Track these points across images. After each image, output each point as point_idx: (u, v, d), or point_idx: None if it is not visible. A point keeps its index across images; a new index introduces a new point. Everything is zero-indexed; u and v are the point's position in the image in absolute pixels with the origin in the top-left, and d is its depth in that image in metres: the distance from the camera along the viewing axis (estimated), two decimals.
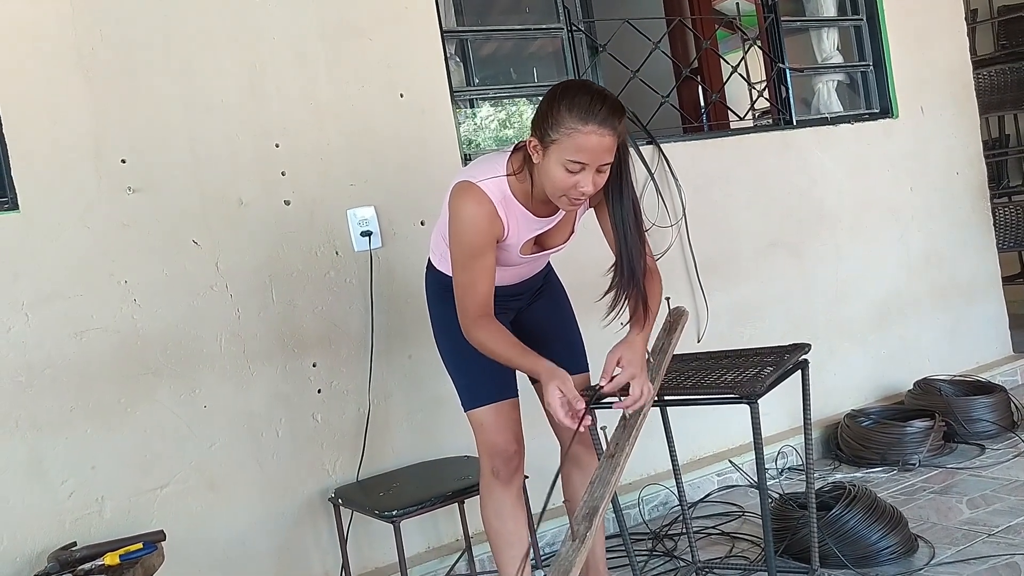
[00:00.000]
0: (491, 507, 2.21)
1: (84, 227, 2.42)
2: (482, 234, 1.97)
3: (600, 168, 1.89)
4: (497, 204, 1.97)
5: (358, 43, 2.82)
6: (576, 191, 1.90)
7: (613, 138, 1.87)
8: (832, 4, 4.03)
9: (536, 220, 2.06)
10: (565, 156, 1.86)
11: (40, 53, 2.38)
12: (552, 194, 1.94)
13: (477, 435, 2.20)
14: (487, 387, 2.17)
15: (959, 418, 3.53)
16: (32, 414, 2.34)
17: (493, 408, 2.16)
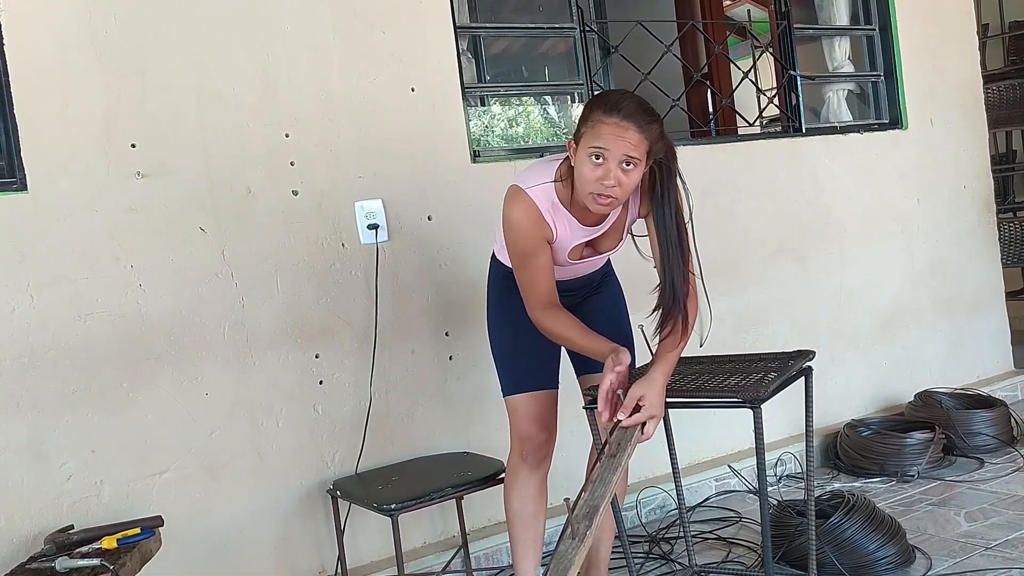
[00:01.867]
0: (516, 489, 2.29)
1: (92, 210, 2.42)
2: (531, 237, 2.06)
3: (626, 163, 1.91)
4: (544, 211, 2.05)
5: (371, 36, 2.82)
6: (601, 185, 1.92)
7: (638, 133, 1.90)
8: (845, 13, 4.03)
9: (582, 228, 2.11)
10: (589, 146, 1.92)
11: (53, 36, 2.38)
12: (582, 192, 1.98)
13: (512, 420, 2.27)
14: (529, 376, 2.24)
15: (959, 431, 3.52)
16: (34, 396, 2.33)
17: (530, 396, 2.23)
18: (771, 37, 3.87)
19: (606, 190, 1.93)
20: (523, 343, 2.22)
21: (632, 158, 1.92)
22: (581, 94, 3.35)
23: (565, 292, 2.24)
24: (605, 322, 2.29)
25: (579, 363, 2.37)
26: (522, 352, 2.25)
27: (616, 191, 1.93)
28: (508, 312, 2.24)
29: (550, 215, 2.06)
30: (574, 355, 2.35)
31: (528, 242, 2.06)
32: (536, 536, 2.30)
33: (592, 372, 2.28)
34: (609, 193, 1.94)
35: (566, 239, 2.12)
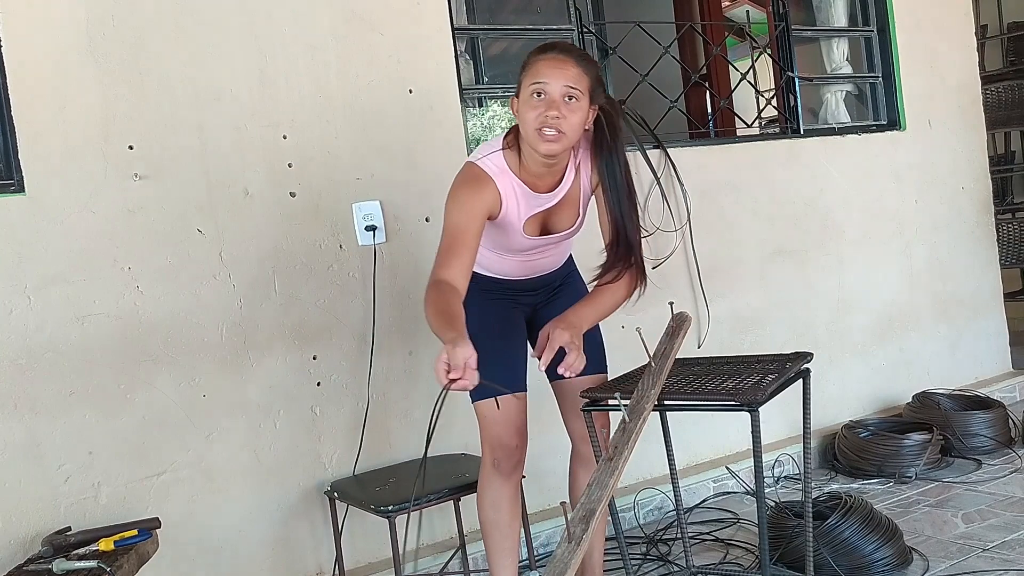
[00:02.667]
0: (489, 498, 2.24)
1: (90, 212, 2.42)
2: (469, 206, 2.00)
3: (567, 97, 1.93)
4: (494, 176, 2.03)
5: (369, 37, 2.81)
6: (544, 118, 1.92)
7: (576, 67, 1.95)
8: (843, 14, 4.03)
9: (536, 196, 2.08)
10: (529, 85, 1.95)
11: (51, 37, 2.38)
12: (529, 138, 1.98)
13: (482, 427, 2.22)
14: (496, 381, 2.14)
15: (957, 432, 3.52)
16: (31, 397, 2.33)
17: (492, 403, 2.16)
18: (769, 39, 3.87)
19: (550, 122, 1.92)
20: (489, 349, 2.07)
21: (573, 90, 1.94)
22: None
23: (526, 291, 2.23)
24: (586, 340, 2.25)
25: (550, 367, 2.23)
26: (489, 358, 2.08)
27: (560, 123, 1.92)
28: (469, 316, 2.09)
29: (500, 180, 2.03)
30: None
31: (463, 210, 1.99)
32: (513, 545, 2.25)
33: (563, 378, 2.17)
34: (553, 125, 1.92)
35: (517, 209, 2.07)
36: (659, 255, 3.33)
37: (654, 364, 2.13)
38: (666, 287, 3.32)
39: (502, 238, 2.15)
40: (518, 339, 2.26)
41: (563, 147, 1.99)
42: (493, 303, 2.23)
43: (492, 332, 2.16)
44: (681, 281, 3.41)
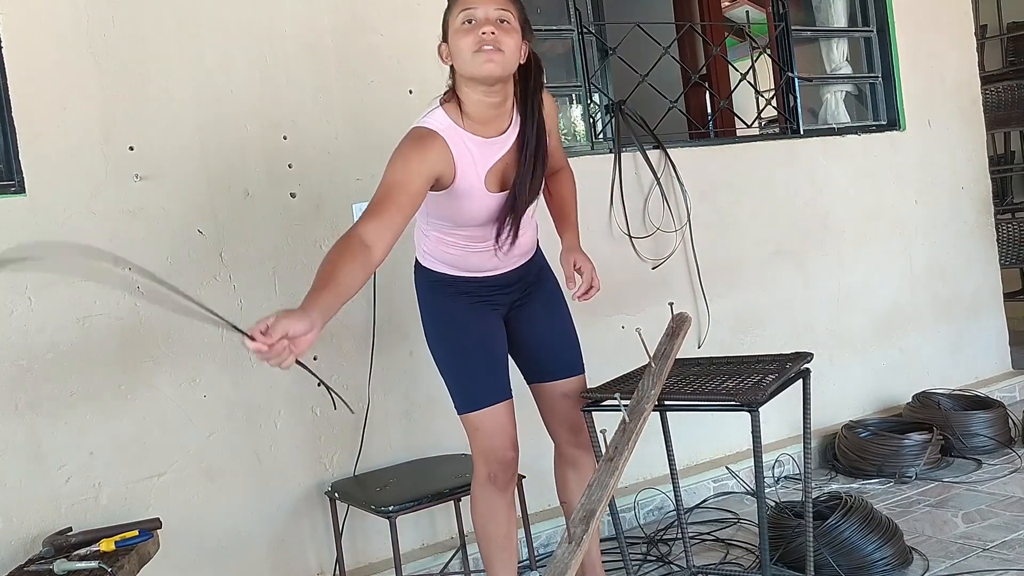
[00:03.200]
0: (485, 511, 2.19)
1: (90, 213, 2.42)
2: (413, 163, 1.89)
3: (499, 20, 1.89)
4: (442, 132, 1.94)
5: (369, 38, 2.82)
6: (479, 39, 1.87)
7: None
8: (843, 15, 4.03)
9: (488, 143, 1.99)
10: (457, 15, 1.91)
11: (52, 39, 2.38)
12: (468, 66, 1.90)
13: (473, 439, 2.17)
14: (484, 390, 2.13)
15: (957, 432, 3.53)
16: (32, 398, 2.34)
17: (490, 412, 2.13)
18: (769, 39, 3.87)
19: (487, 39, 1.87)
20: (471, 356, 2.11)
21: (504, 13, 1.90)
22: (579, 95, 3.36)
23: (500, 288, 2.17)
24: (549, 335, 2.23)
25: (529, 371, 2.27)
26: (472, 366, 2.12)
27: (497, 41, 1.87)
28: (447, 324, 2.13)
29: (449, 136, 1.94)
30: (524, 362, 2.26)
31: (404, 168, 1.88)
32: (512, 555, 2.21)
33: (543, 381, 2.23)
34: (490, 42, 1.87)
35: (473, 164, 1.97)
36: (659, 255, 3.34)
37: (654, 364, 2.13)
38: (666, 287, 3.33)
39: (468, 206, 2.01)
40: (499, 344, 2.20)
41: (504, 69, 1.91)
42: (471, 309, 2.16)
43: (473, 340, 2.13)
44: (681, 281, 3.41)
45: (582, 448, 2.25)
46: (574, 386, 2.24)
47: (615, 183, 3.26)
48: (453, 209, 2.03)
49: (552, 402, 2.25)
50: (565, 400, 2.23)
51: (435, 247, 2.16)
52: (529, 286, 2.24)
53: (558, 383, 2.22)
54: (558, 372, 2.23)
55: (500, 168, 2.03)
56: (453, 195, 2.00)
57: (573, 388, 2.23)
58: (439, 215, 2.08)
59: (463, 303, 2.16)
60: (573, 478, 2.25)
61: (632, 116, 3.34)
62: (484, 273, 2.16)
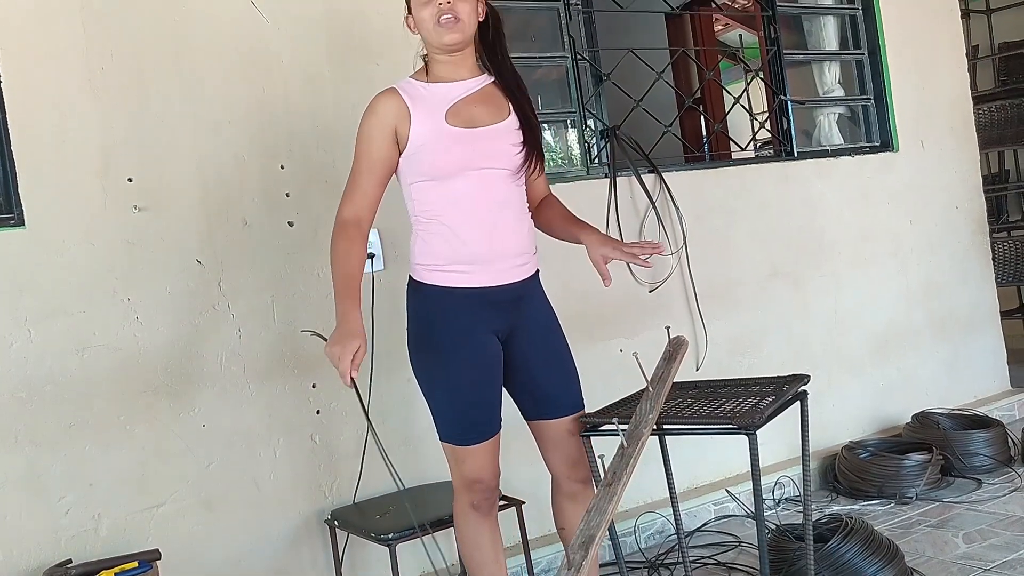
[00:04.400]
0: (471, 539, 2.17)
1: (89, 244, 2.43)
2: (376, 119, 2.05)
3: None
4: (398, 87, 2.09)
5: (366, 66, 2.84)
6: (437, 8, 2.01)
7: None
8: (834, 38, 4.07)
9: (448, 85, 2.09)
10: None
11: (51, 71, 2.41)
12: (432, 37, 2.05)
13: (457, 469, 2.13)
14: (477, 425, 2.09)
15: (956, 452, 3.53)
16: (32, 430, 2.34)
17: (481, 446, 2.09)
18: (762, 63, 3.91)
19: (444, 9, 2.01)
20: (465, 388, 2.06)
21: None
22: (574, 121, 3.38)
23: (492, 305, 2.08)
24: (547, 366, 2.17)
25: (528, 408, 2.20)
26: (465, 399, 2.07)
27: (454, 8, 2.01)
28: (440, 350, 2.08)
29: (403, 86, 2.09)
30: (522, 399, 2.20)
31: (365, 137, 2.06)
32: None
33: (543, 419, 2.17)
34: (448, 11, 2.01)
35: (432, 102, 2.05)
36: (656, 278, 3.35)
37: (652, 388, 2.14)
38: (663, 310, 3.35)
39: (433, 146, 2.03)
40: (496, 373, 2.12)
41: (463, 34, 2.05)
42: (466, 334, 2.07)
43: (468, 370, 2.07)
44: (678, 304, 3.42)
45: (582, 483, 2.20)
46: (576, 422, 2.18)
47: (611, 207, 3.28)
48: (424, 155, 2.04)
49: (553, 439, 2.19)
50: (568, 437, 2.17)
51: (427, 241, 2.08)
52: (526, 313, 2.15)
53: (560, 421, 2.16)
54: (560, 410, 2.17)
55: (466, 106, 2.08)
56: (416, 138, 2.04)
57: (575, 424, 2.18)
58: (419, 172, 2.06)
59: (458, 327, 2.07)
60: (571, 508, 2.21)
61: (627, 141, 3.37)
62: (480, 274, 2.06)
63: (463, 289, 2.07)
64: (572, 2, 3.33)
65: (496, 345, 2.12)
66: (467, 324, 2.08)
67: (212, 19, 2.62)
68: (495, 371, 2.12)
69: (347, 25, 2.83)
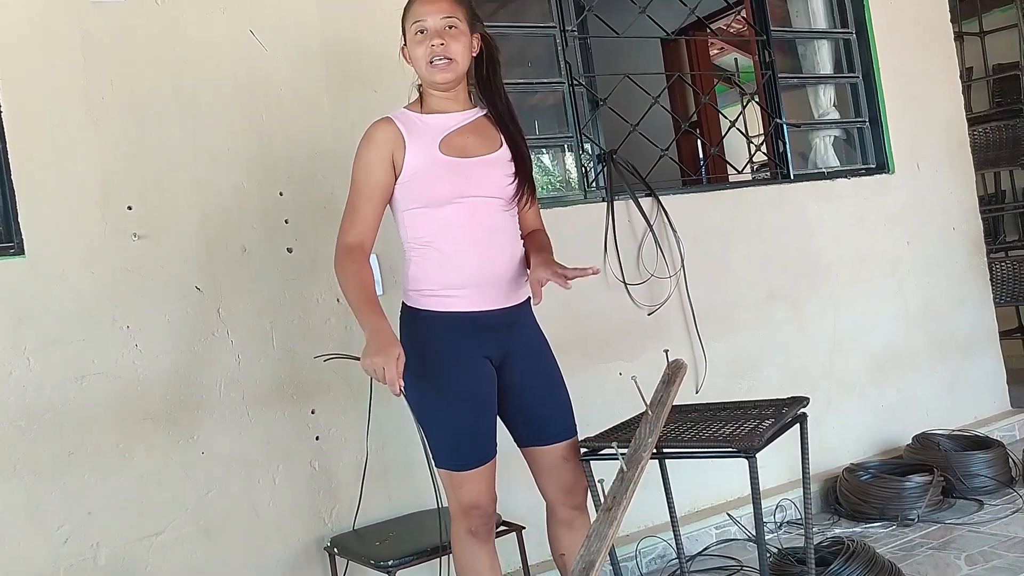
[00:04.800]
0: (469, 565, 2.16)
1: (89, 272, 2.44)
2: (374, 146, 2.09)
3: (448, 27, 2.06)
4: (393, 116, 2.13)
5: (363, 94, 2.87)
6: (432, 50, 2.05)
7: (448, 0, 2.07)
8: (828, 61, 4.10)
9: (443, 116, 2.13)
10: (411, 26, 2.09)
11: (51, 101, 2.43)
12: (425, 75, 2.11)
13: (454, 495, 2.12)
14: (473, 450, 2.09)
15: (957, 473, 3.52)
16: (31, 458, 2.34)
17: (478, 472, 2.09)
18: (756, 86, 3.94)
19: (437, 51, 2.05)
20: (460, 412, 2.07)
21: (450, 18, 2.07)
22: (571, 145, 3.41)
23: (483, 329, 2.09)
24: (541, 394, 2.18)
25: (521, 435, 2.21)
26: (461, 423, 2.08)
27: (446, 50, 2.05)
28: (435, 374, 2.07)
29: (398, 116, 2.12)
30: (515, 426, 2.20)
31: (363, 166, 2.09)
32: None
33: (537, 445, 2.17)
34: (441, 53, 2.05)
35: (427, 132, 2.10)
36: (654, 301, 3.36)
37: (651, 412, 2.14)
38: (662, 333, 3.35)
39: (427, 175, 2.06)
40: (490, 398, 2.13)
41: (456, 73, 2.10)
42: (461, 359, 2.08)
43: (463, 395, 2.08)
44: (677, 327, 3.43)
45: (577, 509, 2.21)
46: (569, 448, 2.19)
47: (608, 231, 3.29)
48: (418, 184, 2.08)
49: (547, 466, 2.19)
50: (562, 463, 2.18)
51: (420, 267, 2.10)
52: (519, 339, 2.17)
53: (554, 447, 2.17)
54: (553, 436, 2.17)
55: (459, 137, 2.12)
56: (410, 167, 2.08)
57: (569, 450, 2.19)
58: (412, 200, 2.09)
59: (452, 352, 2.08)
60: (567, 535, 2.21)
61: (624, 164, 3.39)
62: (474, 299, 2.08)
63: (457, 314, 2.09)
64: (568, 29, 3.36)
65: (490, 370, 2.13)
66: (461, 349, 2.09)
67: (211, 49, 2.65)
68: (490, 395, 2.13)
69: (345, 54, 2.85)
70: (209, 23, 2.64)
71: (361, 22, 2.88)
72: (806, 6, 4.08)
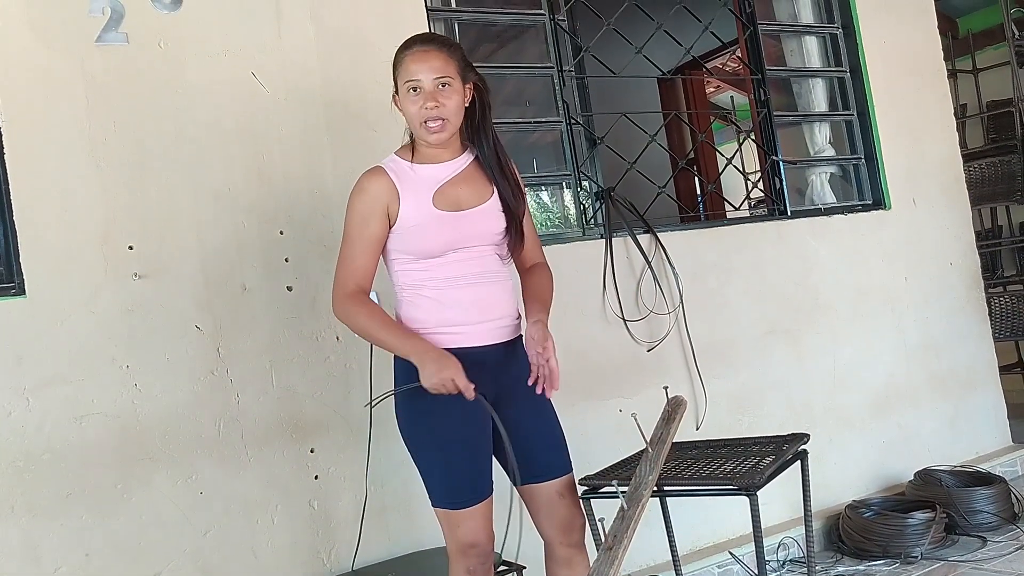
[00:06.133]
0: None
1: (89, 312, 2.45)
2: (368, 198, 2.08)
3: (441, 84, 2.05)
4: (385, 165, 2.12)
5: (363, 134, 2.89)
6: (425, 111, 2.05)
7: (440, 53, 2.07)
8: (823, 99, 4.15)
9: (435, 167, 2.13)
10: (403, 83, 2.08)
11: (53, 143, 2.45)
12: (416, 130, 2.11)
13: (451, 534, 2.11)
14: (470, 488, 2.08)
15: (960, 509, 3.50)
16: (29, 499, 2.32)
17: (474, 510, 2.08)
18: (752, 124, 3.98)
19: (431, 113, 2.05)
20: (455, 449, 2.07)
21: (443, 77, 2.06)
22: (569, 183, 3.43)
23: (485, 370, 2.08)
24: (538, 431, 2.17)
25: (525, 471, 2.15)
26: (456, 461, 2.08)
27: (440, 111, 2.05)
28: (429, 412, 2.07)
29: (394, 173, 2.10)
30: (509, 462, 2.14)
31: (361, 205, 2.08)
32: None
33: (533, 483, 2.16)
34: (435, 115, 2.05)
35: (419, 184, 2.10)
36: (654, 338, 3.36)
37: (651, 450, 2.13)
38: (662, 369, 3.35)
39: (419, 228, 2.08)
40: (485, 435, 2.12)
41: (450, 132, 2.11)
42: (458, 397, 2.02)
43: (458, 431, 2.08)
44: (676, 363, 3.43)
45: (575, 547, 2.19)
46: (566, 485, 2.19)
47: (607, 268, 3.31)
48: (411, 237, 2.10)
49: (544, 503, 2.19)
50: (559, 500, 2.17)
51: (415, 305, 2.12)
52: (513, 375, 2.16)
53: (550, 483, 2.17)
54: (549, 472, 2.17)
55: (452, 188, 2.13)
56: (404, 220, 2.09)
57: (565, 487, 2.18)
58: (405, 250, 2.11)
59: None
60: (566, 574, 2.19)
61: (622, 202, 3.41)
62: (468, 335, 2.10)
63: (457, 350, 2.08)
64: (566, 69, 3.40)
65: (485, 407, 2.10)
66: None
67: (212, 89, 2.68)
68: (485, 432, 2.12)
69: (345, 95, 2.88)
70: (211, 65, 2.68)
71: (360, 64, 2.92)
72: (800, 45, 4.14)
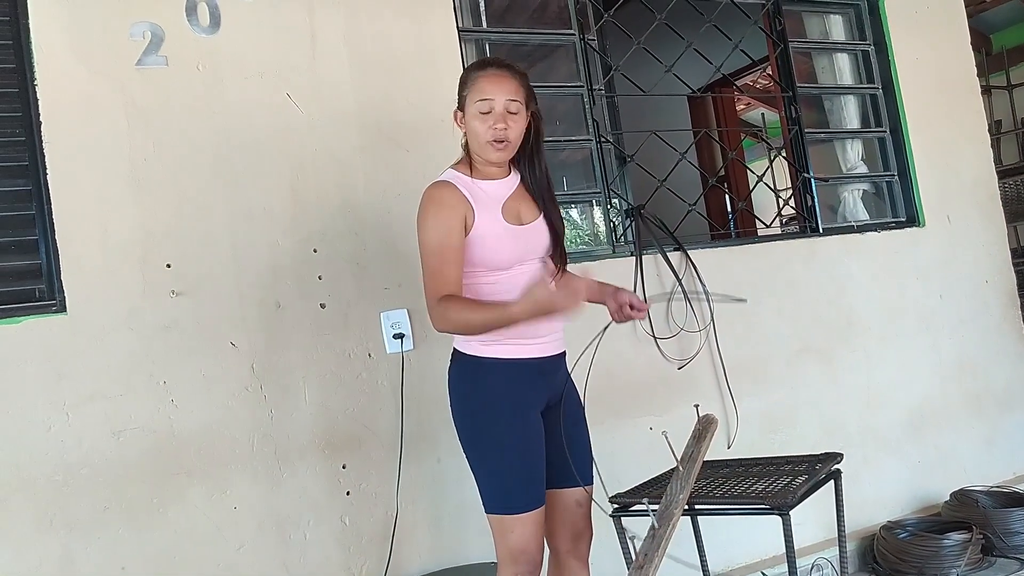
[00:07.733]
0: None
1: (128, 329, 2.49)
2: (443, 217, 2.09)
3: (509, 110, 2.12)
4: (458, 184, 2.14)
5: (395, 154, 2.93)
6: (494, 131, 2.11)
7: (512, 79, 2.13)
8: (855, 116, 4.12)
9: (495, 183, 2.19)
10: (475, 101, 2.12)
11: (94, 164, 2.51)
12: (480, 150, 2.15)
13: (503, 540, 2.14)
14: (526, 494, 2.12)
15: (997, 531, 3.44)
16: (67, 513, 2.37)
17: (529, 516, 2.12)
18: (783, 141, 3.96)
19: (500, 134, 2.11)
20: (514, 456, 2.12)
21: (514, 101, 2.13)
22: (599, 200, 3.44)
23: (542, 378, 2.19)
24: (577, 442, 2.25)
25: (550, 476, 2.22)
26: (515, 467, 2.12)
27: (508, 133, 2.12)
28: (490, 418, 2.13)
29: (463, 187, 2.13)
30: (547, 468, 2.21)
31: (444, 217, 2.08)
32: None
33: (559, 487, 2.21)
34: (503, 136, 2.11)
35: (488, 200, 2.15)
36: (684, 355, 3.35)
37: (682, 468, 2.13)
38: (693, 387, 3.33)
39: (494, 241, 2.13)
40: (541, 445, 2.18)
41: (510, 153, 2.18)
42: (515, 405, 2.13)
43: (518, 439, 2.13)
44: (708, 381, 3.41)
45: (580, 560, 2.25)
46: (586, 496, 2.25)
47: (637, 285, 3.31)
48: (484, 250, 2.13)
49: (561, 509, 2.25)
50: (576, 508, 2.24)
51: None
52: (560, 385, 2.27)
53: (573, 491, 2.23)
54: (574, 480, 2.22)
55: (513, 204, 2.20)
56: (479, 233, 2.12)
57: (585, 497, 2.25)
58: (476, 263, 2.15)
59: (514, 400, 2.14)
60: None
61: (652, 219, 3.42)
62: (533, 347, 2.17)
63: (520, 360, 2.16)
64: (596, 88, 3.42)
65: (537, 414, 2.20)
66: (522, 396, 2.16)
67: (248, 111, 2.73)
68: (541, 443, 2.18)
69: (378, 115, 2.92)
70: (247, 87, 2.73)
71: (393, 85, 2.96)
72: (832, 62, 4.12)
